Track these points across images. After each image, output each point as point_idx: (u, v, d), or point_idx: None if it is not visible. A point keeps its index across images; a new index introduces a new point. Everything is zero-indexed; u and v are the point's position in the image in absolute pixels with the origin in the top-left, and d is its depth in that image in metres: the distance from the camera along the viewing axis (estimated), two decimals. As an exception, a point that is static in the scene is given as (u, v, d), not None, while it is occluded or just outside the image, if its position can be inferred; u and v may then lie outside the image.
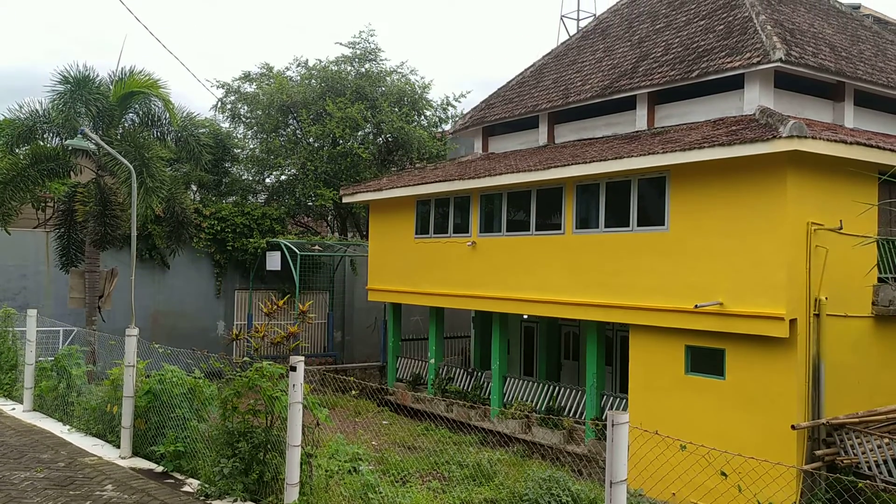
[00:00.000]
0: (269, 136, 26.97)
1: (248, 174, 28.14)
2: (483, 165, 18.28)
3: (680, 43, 16.44)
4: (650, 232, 13.82)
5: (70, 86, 17.24)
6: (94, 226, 17.60)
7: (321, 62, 27.62)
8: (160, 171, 17.61)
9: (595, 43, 19.78)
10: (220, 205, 25.04)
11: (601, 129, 17.46)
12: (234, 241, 24.11)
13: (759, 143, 11.65)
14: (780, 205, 11.84)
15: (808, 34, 15.38)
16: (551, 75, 19.93)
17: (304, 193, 26.21)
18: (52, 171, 18.07)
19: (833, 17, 17.51)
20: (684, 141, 13.22)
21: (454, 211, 18.50)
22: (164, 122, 19.08)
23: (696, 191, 13.04)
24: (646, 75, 16.25)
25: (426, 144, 26.39)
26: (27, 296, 20.93)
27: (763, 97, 14.15)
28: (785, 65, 13.71)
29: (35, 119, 17.67)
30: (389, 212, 20.68)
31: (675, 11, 17.99)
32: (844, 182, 12.30)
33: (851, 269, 12.20)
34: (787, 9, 16.27)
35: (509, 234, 16.93)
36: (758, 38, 14.30)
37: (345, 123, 25.17)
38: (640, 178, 13.98)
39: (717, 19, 16.14)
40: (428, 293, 19.07)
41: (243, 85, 27.78)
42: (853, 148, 12.11)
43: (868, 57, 16.17)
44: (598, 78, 17.75)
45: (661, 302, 13.39)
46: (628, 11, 19.98)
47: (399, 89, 26.89)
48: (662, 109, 16.19)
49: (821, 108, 15.11)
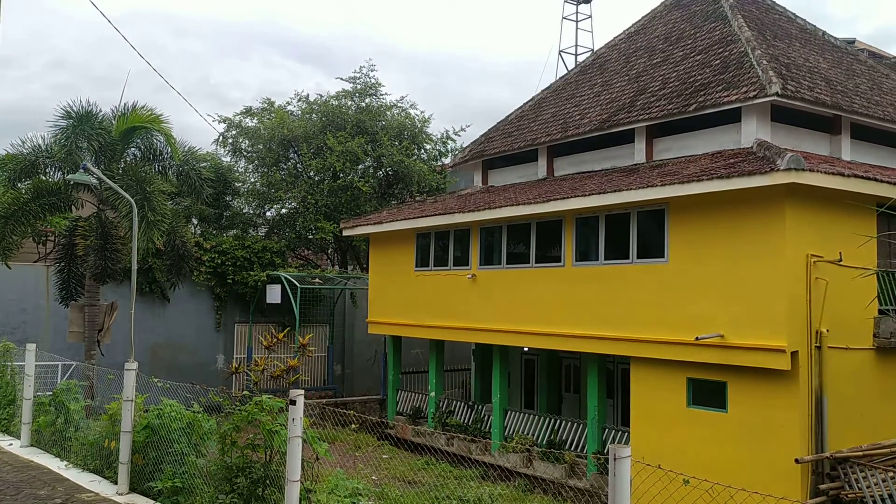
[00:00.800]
0: (269, 169, 27.12)
1: (249, 207, 28.24)
2: (483, 198, 18.36)
3: (677, 77, 16.61)
4: (650, 264, 13.83)
5: (73, 121, 17.37)
6: (94, 259, 17.61)
7: (322, 97, 27.90)
8: (161, 205, 17.67)
9: (593, 77, 19.99)
10: (220, 238, 25.10)
11: (600, 162, 17.57)
12: (234, 275, 24.12)
13: (757, 176, 11.72)
14: (780, 237, 11.87)
15: (804, 68, 15.55)
16: (550, 109, 20.11)
17: (305, 227, 26.29)
18: (53, 205, 18.13)
19: (828, 51, 17.71)
20: (683, 174, 13.29)
21: (454, 244, 18.53)
22: (165, 157, 19.19)
23: (696, 223, 13.08)
24: (644, 109, 16.40)
25: (426, 178, 26.52)
26: (26, 330, 20.87)
27: (760, 130, 14.27)
28: (781, 98, 13.84)
29: (37, 154, 17.78)
30: (390, 245, 20.71)
31: (671, 47, 18.21)
32: (843, 214, 12.35)
33: (852, 301, 12.18)
34: (783, 44, 16.47)
35: (509, 267, 16.94)
36: (754, 73, 14.45)
37: (345, 157, 25.32)
38: (640, 211, 14.03)
39: (714, 54, 16.33)
40: (428, 326, 19.02)
41: (245, 119, 28.02)
42: (851, 180, 12.18)
43: (864, 91, 16.33)
44: (597, 112, 17.91)
45: (661, 334, 13.35)
46: (626, 46, 20.22)
47: (399, 123, 27.10)
48: (661, 143, 16.31)
49: (818, 141, 15.23)
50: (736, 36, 16.17)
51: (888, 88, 17.47)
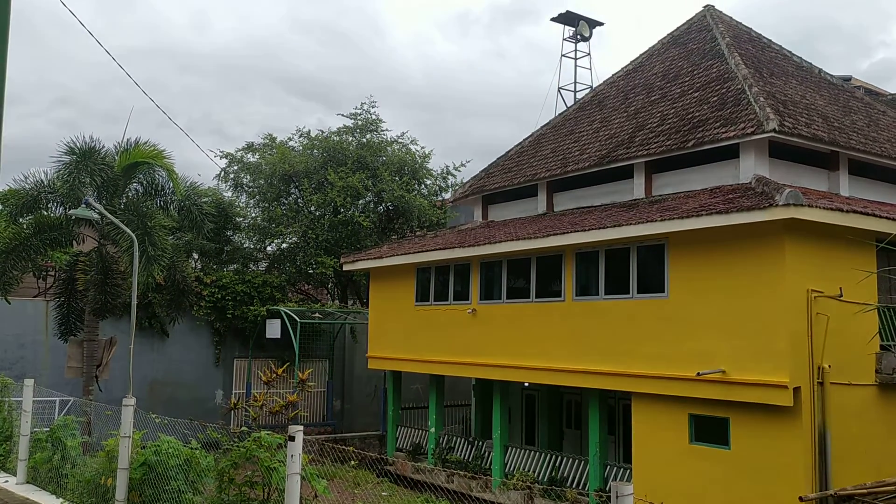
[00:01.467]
0: (270, 204, 27.23)
1: (250, 242, 28.28)
2: (483, 233, 18.41)
3: (675, 114, 16.76)
4: (650, 299, 13.82)
5: (76, 156, 17.50)
6: (94, 294, 17.61)
7: (323, 133, 28.10)
8: (162, 240, 17.72)
9: (592, 114, 20.17)
10: (220, 273, 25.09)
11: (599, 197, 17.64)
12: (234, 309, 24.06)
13: (756, 211, 11.77)
14: (780, 272, 11.87)
15: (801, 105, 15.70)
16: (550, 145, 20.25)
17: (305, 261, 26.30)
18: (54, 240, 18.18)
19: (824, 88, 17.89)
20: (682, 209, 13.34)
21: (454, 278, 18.53)
22: (167, 192, 19.29)
23: (696, 258, 13.10)
24: (642, 145, 16.51)
25: (426, 213, 26.62)
26: (24, 365, 20.77)
27: (758, 166, 14.35)
28: (779, 135, 13.95)
29: (40, 189, 17.87)
30: (390, 279, 20.71)
31: (669, 84, 18.39)
32: (843, 249, 12.37)
33: (853, 337, 12.15)
34: (780, 81, 16.64)
35: (510, 302, 16.92)
36: (751, 110, 14.58)
37: (346, 192, 25.44)
38: (640, 246, 14.06)
39: (711, 91, 16.49)
40: (428, 361, 18.93)
41: (246, 155, 28.18)
42: (849, 216, 12.22)
43: (861, 127, 16.46)
44: (596, 147, 18.04)
45: (662, 369, 13.29)
46: (624, 84, 20.43)
47: (400, 159, 27.27)
48: (659, 178, 16.40)
49: (816, 177, 15.31)
50: (733, 73, 16.34)
51: (885, 125, 17.62)
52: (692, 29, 20.11)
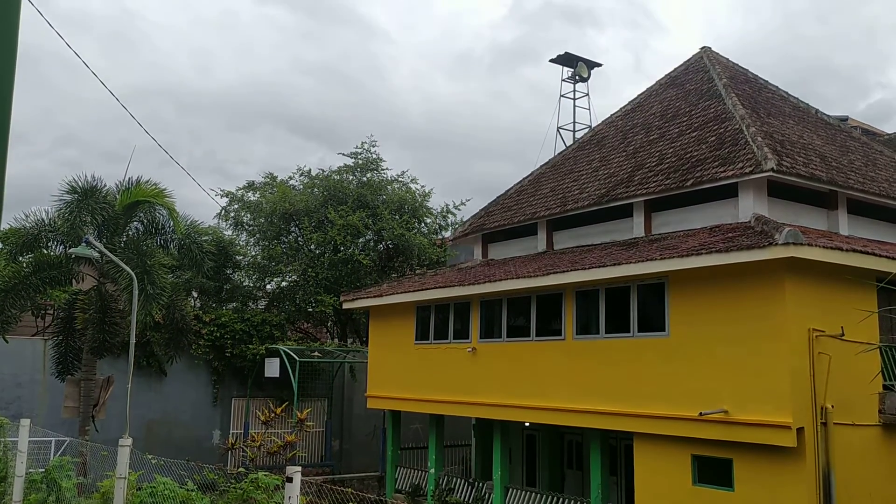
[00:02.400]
0: (270, 243, 27.27)
1: (250, 280, 28.26)
2: (483, 272, 18.40)
3: (674, 153, 16.88)
4: (651, 338, 13.75)
5: (77, 195, 17.57)
6: (92, 333, 17.54)
7: (324, 172, 28.26)
8: (161, 278, 17.71)
9: (591, 153, 20.30)
10: (220, 311, 25.02)
11: (599, 235, 17.68)
12: (232, 348, 23.94)
13: (756, 250, 11.78)
14: (781, 311, 11.84)
15: (799, 145, 15.81)
16: (549, 184, 20.35)
17: (305, 300, 26.25)
18: (54, 278, 18.16)
19: (821, 128, 18.04)
20: (682, 248, 13.35)
21: (454, 317, 18.47)
22: (167, 230, 19.33)
23: (696, 297, 13.07)
24: (641, 184, 16.59)
25: (426, 251, 26.65)
26: (21, 405, 20.59)
27: (757, 205, 14.40)
28: (777, 174, 14.03)
29: (40, 228, 17.91)
30: (389, 318, 20.65)
31: (667, 123, 18.56)
32: (844, 288, 12.34)
33: (856, 377, 12.07)
34: (777, 121, 16.79)
35: (510, 340, 16.84)
36: (749, 149, 14.69)
37: (346, 231, 25.50)
38: (640, 284, 14.04)
39: (709, 131, 16.63)
40: (428, 400, 18.79)
41: (247, 194, 28.31)
42: (849, 255, 12.22)
43: (859, 167, 16.56)
44: (595, 186, 18.12)
45: (664, 409, 13.17)
46: (622, 123, 20.61)
47: (400, 197, 27.39)
48: (659, 217, 16.44)
49: (815, 216, 15.35)
50: (730, 113, 16.50)
51: (883, 165, 17.73)
52: (689, 70, 20.36)
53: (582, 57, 35.86)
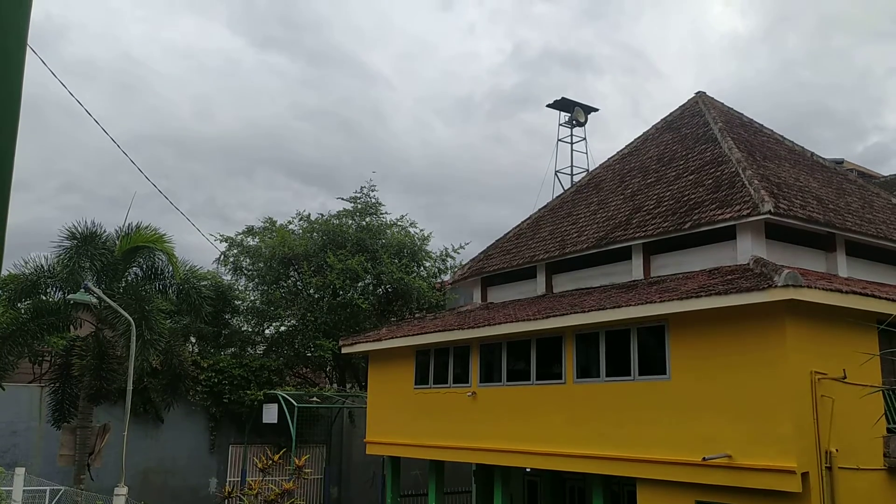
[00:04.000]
0: (269, 287, 27.24)
1: (248, 325, 28.16)
2: (482, 315, 18.35)
3: (671, 196, 16.97)
4: (652, 381, 13.66)
5: (77, 241, 17.61)
6: (89, 380, 17.43)
7: (323, 216, 28.37)
8: (160, 324, 17.67)
9: (589, 196, 20.42)
10: (218, 357, 24.89)
11: (598, 278, 17.68)
12: (230, 394, 23.74)
13: (756, 293, 11.76)
14: (782, 354, 11.78)
15: (795, 187, 15.91)
16: (548, 227, 20.42)
17: (304, 344, 26.13)
18: (52, 325, 18.12)
19: (817, 171, 18.18)
20: (681, 290, 13.35)
21: (454, 361, 18.37)
22: (167, 275, 19.35)
23: (697, 340, 13.02)
24: (640, 227, 16.65)
25: (425, 294, 26.61)
26: (16, 453, 20.33)
27: (756, 247, 14.44)
28: (774, 216, 14.09)
29: (39, 274, 17.92)
30: (389, 362, 20.52)
31: (664, 167, 18.70)
32: (844, 330, 12.30)
33: (859, 420, 11.95)
34: (773, 164, 16.92)
35: (510, 384, 16.72)
36: (746, 192, 14.78)
37: (345, 275, 25.50)
38: (640, 327, 13.99)
39: (706, 174, 16.75)
40: (427, 446, 18.57)
41: (246, 239, 28.37)
42: (848, 297, 12.21)
43: (856, 209, 16.64)
44: (594, 229, 18.18)
45: (667, 454, 13.02)
46: (620, 167, 20.77)
47: (399, 241, 27.45)
48: (658, 259, 16.47)
49: (814, 258, 15.38)
50: (726, 157, 16.64)
51: (879, 207, 17.82)
52: (685, 114, 20.60)
53: (579, 102, 36.30)
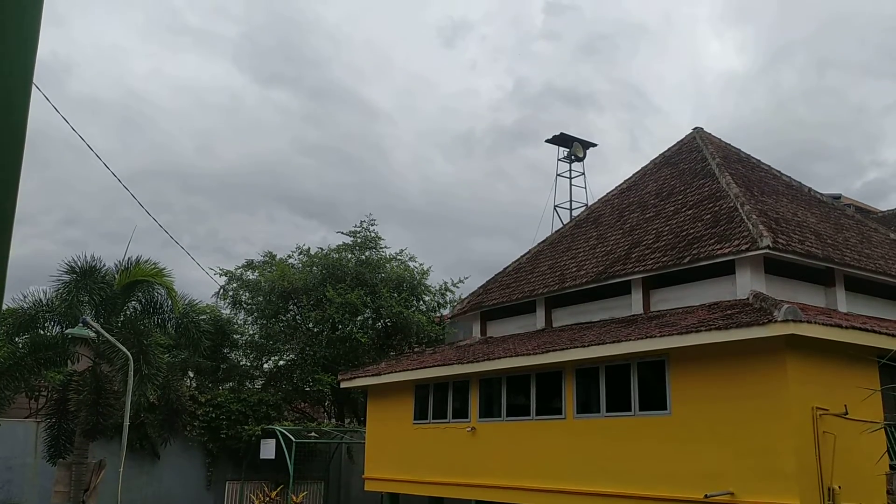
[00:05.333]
0: (269, 321, 27.17)
1: (247, 360, 28.03)
2: (482, 349, 18.29)
3: (670, 231, 17.03)
4: (653, 416, 13.57)
5: (76, 275, 17.60)
6: (86, 415, 17.28)
7: (323, 250, 28.39)
8: (157, 358, 17.58)
9: (588, 231, 20.48)
10: (216, 391, 24.73)
11: (598, 312, 17.65)
12: (228, 429, 23.54)
13: (756, 327, 11.75)
14: (783, 389, 11.73)
15: (793, 222, 15.98)
16: (547, 261, 20.45)
17: (302, 378, 25.98)
18: (49, 359, 18.02)
19: (815, 206, 18.27)
20: (681, 325, 13.33)
21: (453, 395, 18.26)
22: (165, 310, 19.28)
23: (697, 375, 12.97)
24: (639, 261, 16.68)
25: (425, 328, 26.53)
26: (11, 489, 20.11)
27: (755, 282, 14.45)
28: (773, 251, 14.13)
29: (38, 308, 17.86)
30: (388, 397, 20.40)
31: (663, 202, 18.79)
32: (845, 366, 12.27)
33: (861, 456, 11.85)
34: (770, 199, 17.01)
35: (509, 419, 16.60)
36: (744, 227, 14.83)
37: (344, 309, 25.44)
38: (640, 362, 13.94)
39: (705, 209, 16.82)
40: (426, 482, 18.38)
41: (246, 273, 28.35)
42: (849, 332, 12.19)
43: (854, 244, 16.69)
44: (593, 264, 18.21)
45: (669, 491, 12.88)
46: (618, 202, 20.86)
47: (398, 275, 27.43)
48: (657, 293, 16.47)
49: (813, 293, 15.38)
50: (725, 192, 16.72)
51: (877, 242, 17.87)
52: (683, 150, 20.75)
53: (577, 137, 36.57)
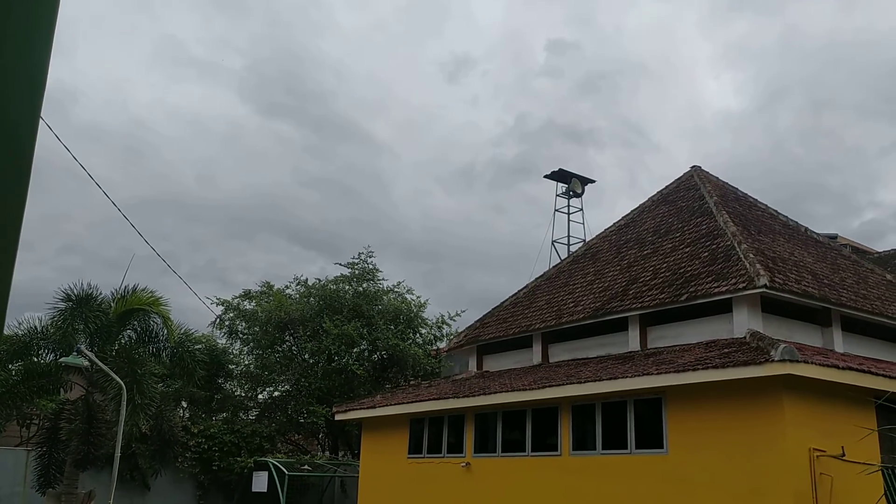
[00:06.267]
0: (264, 351, 27.05)
1: (241, 390, 27.85)
2: (478, 384, 18.19)
3: (668, 268, 17.05)
4: (649, 455, 13.46)
5: (72, 303, 17.57)
6: (77, 444, 17.12)
7: (320, 281, 28.38)
8: (151, 388, 17.48)
9: (586, 267, 20.49)
10: (209, 422, 24.52)
11: (594, 349, 17.60)
12: (220, 461, 23.30)
13: (753, 367, 11.71)
14: (780, 429, 11.66)
15: (790, 262, 16.01)
16: (544, 296, 20.43)
17: (297, 410, 25.79)
18: (42, 387, 17.92)
19: (812, 246, 18.32)
20: (678, 363, 13.28)
21: (448, 430, 18.12)
22: (161, 338, 19.23)
23: (694, 413, 12.89)
24: (636, 298, 16.67)
25: (421, 361, 26.42)
26: (-2, 519, 19.84)
27: (752, 321, 14.43)
28: (770, 290, 14.13)
29: (32, 335, 17.80)
30: (382, 430, 20.23)
31: (660, 239, 18.84)
32: (842, 406, 12.21)
33: (859, 498, 11.74)
34: (767, 238, 17.06)
35: (504, 455, 16.46)
36: (742, 265, 14.85)
37: (341, 340, 25.36)
38: (637, 400, 13.87)
39: (702, 247, 16.86)
40: (420, 519, 18.14)
41: (243, 302, 28.29)
42: (846, 373, 12.15)
43: (850, 284, 16.71)
44: (590, 300, 18.19)
45: (664, 532, 12.73)
46: (616, 238, 20.91)
47: (395, 308, 27.39)
48: (654, 331, 16.44)
49: (810, 333, 15.36)
50: (722, 230, 16.78)
51: (874, 283, 17.89)
52: (681, 188, 20.85)
53: (576, 173, 36.79)
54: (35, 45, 1.21)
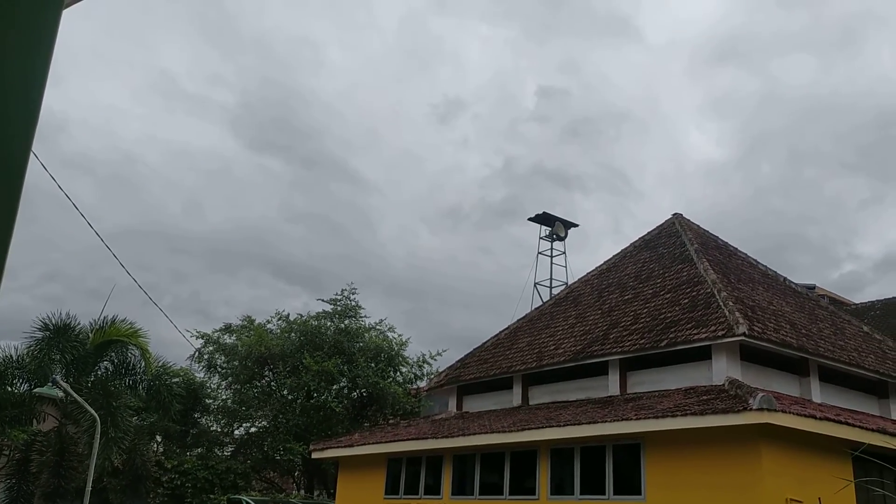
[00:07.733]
0: (243, 386, 26.74)
1: (218, 425, 27.46)
2: (457, 424, 18.10)
3: (648, 313, 17.16)
4: (627, 501, 13.41)
5: (49, 333, 17.38)
6: (47, 477, 16.82)
7: (302, 316, 28.23)
8: (125, 421, 17.26)
9: (567, 309, 20.58)
10: (183, 457, 24.13)
11: (574, 392, 17.60)
12: (193, 498, 22.87)
13: (731, 414, 11.77)
14: (758, 477, 11.68)
15: (769, 311, 16.18)
16: (525, 338, 20.46)
17: (273, 447, 25.45)
18: (14, 417, 17.61)
19: (790, 296, 18.54)
20: (657, 408, 13.32)
21: (426, 470, 17.96)
22: (138, 371, 19.04)
23: (672, 459, 12.89)
24: (617, 342, 16.75)
25: (401, 400, 26.23)
26: (-39, 553, 19.30)
27: (731, 368, 14.53)
28: (749, 339, 14.26)
29: (7, 364, 17.57)
30: (360, 469, 20.01)
31: (642, 284, 18.99)
32: (819, 456, 12.27)
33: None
34: (747, 287, 17.26)
35: (482, 498, 16.31)
36: (721, 313, 15.00)
37: (321, 377, 25.16)
38: (615, 445, 13.85)
39: (682, 293, 17.02)
40: (395, 562, 17.87)
41: (223, 336, 28.04)
42: (822, 423, 12.24)
43: (828, 335, 16.89)
44: (571, 343, 18.24)
45: (641, 580, 12.64)
46: (598, 282, 21.05)
47: (377, 345, 27.26)
48: (634, 375, 16.48)
49: (788, 382, 15.47)
50: (702, 277, 16.96)
51: (851, 334, 18.09)
52: (662, 234, 21.09)
53: (559, 217, 37.06)
54: (32, 71, 1.22)
